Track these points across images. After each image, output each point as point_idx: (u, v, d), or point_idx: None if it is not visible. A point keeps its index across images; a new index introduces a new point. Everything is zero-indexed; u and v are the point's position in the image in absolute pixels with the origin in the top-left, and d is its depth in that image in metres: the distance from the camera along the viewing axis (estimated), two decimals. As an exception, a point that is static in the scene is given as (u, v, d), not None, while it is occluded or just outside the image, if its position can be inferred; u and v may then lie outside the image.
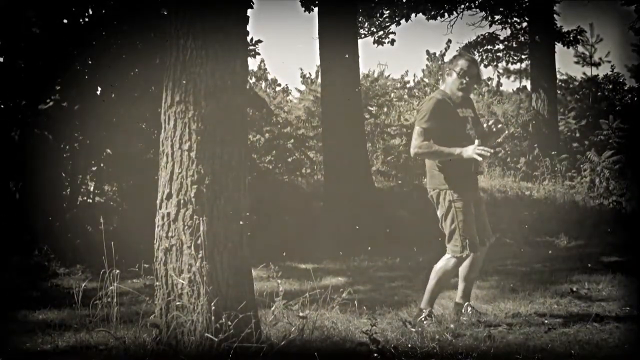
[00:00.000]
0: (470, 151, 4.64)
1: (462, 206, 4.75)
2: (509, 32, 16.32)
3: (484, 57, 17.02)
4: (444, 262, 4.86)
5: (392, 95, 17.16)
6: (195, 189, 3.94)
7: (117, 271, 4.28)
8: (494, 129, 5.06)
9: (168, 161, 4.03)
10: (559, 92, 16.18)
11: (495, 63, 17.44)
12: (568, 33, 15.59)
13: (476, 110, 5.19)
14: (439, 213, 4.85)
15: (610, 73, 17.07)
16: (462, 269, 4.98)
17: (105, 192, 9.22)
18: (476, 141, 4.69)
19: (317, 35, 10.42)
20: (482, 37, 16.64)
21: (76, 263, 7.26)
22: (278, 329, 4.17)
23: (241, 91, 4.11)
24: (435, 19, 14.80)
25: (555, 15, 15.05)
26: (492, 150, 4.75)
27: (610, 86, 16.83)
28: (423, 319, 4.79)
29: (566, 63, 47.87)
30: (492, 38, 16.59)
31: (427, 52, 21.98)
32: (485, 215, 5.06)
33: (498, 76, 22.11)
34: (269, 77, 19.76)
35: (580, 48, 17.40)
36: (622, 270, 6.41)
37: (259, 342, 3.85)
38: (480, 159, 4.65)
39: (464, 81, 4.89)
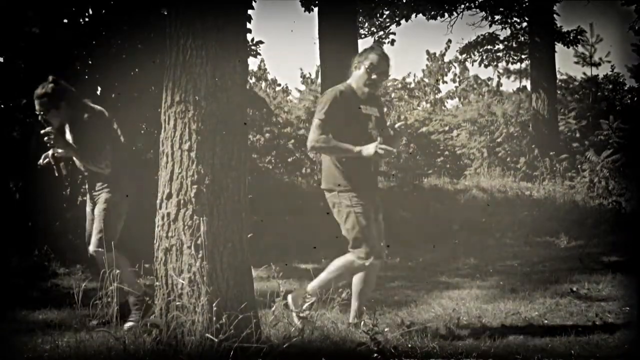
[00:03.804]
0: (371, 149, 4.34)
1: (363, 210, 4.45)
2: (509, 32, 16.36)
3: (484, 57, 17.05)
4: (349, 260, 4.52)
5: (393, 95, 17.17)
6: (195, 189, 3.94)
7: (117, 271, 4.28)
8: (399, 129, 4.73)
9: (168, 161, 4.03)
10: (559, 92, 16.19)
11: (495, 63, 17.47)
12: (568, 33, 15.62)
13: (384, 111, 4.87)
14: (337, 217, 4.55)
15: (610, 73, 17.09)
16: (356, 285, 4.60)
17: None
18: (378, 138, 4.40)
19: (317, 36, 10.45)
20: (482, 37, 16.66)
21: (76, 263, 7.26)
22: (278, 329, 4.17)
23: (241, 91, 4.10)
24: (435, 19, 14.83)
25: (555, 15, 15.07)
26: (394, 150, 4.43)
27: (610, 86, 16.85)
28: (306, 308, 4.44)
29: (566, 63, 47.88)
30: (492, 38, 16.61)
31: (427, 52, 22.02)
32: (382, 224, 4.68)
33: (498, 76, 22.13)
34: (269, 77, 19.78)
35: (580, 48, 17.41)
36: (622, 270, 6.42)
37: (259, 342, 3.85)
38: (381, 154, 4.31)
39: (373, 77, 4.57)
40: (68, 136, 5.00)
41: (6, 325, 5.09)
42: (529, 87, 16.76)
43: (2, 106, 8.07)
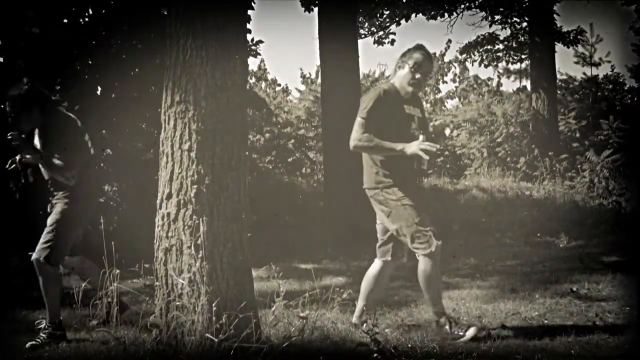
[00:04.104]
0: (415, 147, 4.29)
1: (411, 202, 4.38)
2: (509, 32, 16.35)
3: (484, 57, 17.05)
4: (423, 265, 4.47)
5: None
6: (195, 189, 3.94)
7: (117, 271, 4.28)
8: (441, 126, 4.73)
9: (168, 161, 4.03)
10: (559, 92, 16.19)
11: (495, 63, 17.47)
12: (568, 33, 15.61)
13: (425, 112, 4.82)
14: (384, 215, 4.48)
15: (610, 73, 17.08)
16: (367, 282, 4.61)
17: (105, 192, 9.21)
18: (420, 136, 4.33)
19: (317, 35, 10.44)
20: (482, 37, 16.66)
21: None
22: (278, 329, 4.17)
23: (241, 91, 4.11)
24: (435, 19, 14.83)
25: (555, 15, 15.07)
26: (438, 146, 4.38)
27: (610, 86, 16.85)
28: (450, 329, 4.36)
29: (566, 63, 47.86)
30: (492, 38, 16.60)
31: (427, 52, 21.97)
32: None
33: (498, 76, 22.10)
34: (269, 77, 19.78)
35: (580, 48, 17.41)
36: (622, 270, 6.41)
37: (259, 342, 3.85)
38: (425, 156, 4.30)
39: (417, 76, 4.51)
40: (36, 142, 4.79)
41: (6, 325, 5.09)
42: (529, 87, 16.76)
43: (2, 106, 8.07)
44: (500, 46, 16.81)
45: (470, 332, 4.32)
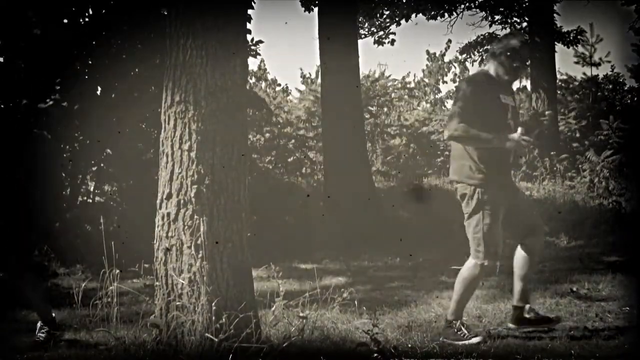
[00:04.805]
0: (514, 139, 4.16)
1: (491, 208, 4.25)
2: (508, 32, 16.32)
3: (484, 57, 17.03)
4: (470, 268, 4.36)
5: (393, 95, 17.17)
6: (195, 189, 3.94)
7: (117, 271, 4.28)
8: (542, 119, 4.65)
9: (168, 161, 4.03)
10: (559, 92, 16.17)
11: (495, 63, 17.42)
12: (568, 33, 15.59)
13: (517, 101, 4.61)
14: (465, 208, 4.34)
15: (610, 73, 17.05)
16: (517, 268, 4.50)
17: (105, 192, 9.22)
18: (519, 129, 4.20)
19: (317, 35, 10.44)
20: (482, 37, 16.64)
21: (76, 263, 7.26)
22: (278, 329, 4.17)
23: (241, 91, 4.11)
24: (435, 19, 14.82)
25: (555, 15, 15.06)
26: (533, 140, 4.29)
27: (610, 86, 16.82)
28: (457, 331, 4.35)
29: (566, 63, 47.81)
30: (492, 38, 16.57)
31: (427, 52, 22.02)
32: (529, 206, 4.59)
33: (498, 76, 22.06)
34: (269, 77, 19.77)
35: (580, 48, 17.38)
36: (622, 270, 6.41)
37: (259, 342, 3.85)
38: (525, 149, 4.20)
39: (514, 65, 4.33)
40: None
41: (6, 325, 5.09)
42: (529, 87, 16.75)
43: (2, 106, 8.07)
44: (501, 46, 16.79)
45: (474, 340, 4.28)
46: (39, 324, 4.62)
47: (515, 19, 15.74)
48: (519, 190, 4.60)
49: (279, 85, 19.71)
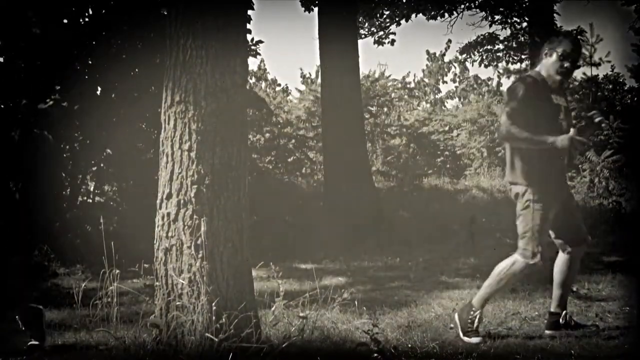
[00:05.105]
0: (567, 140, 4.11)
1: (542, 208, 4.23)
2: (509, 32, 16.33)
3: (484, 57, 17.04)
4: (511, 263, 4.35)
5: (393, 95, 17.17)
6: (195, 189, 3.94)
7: (117, 271, 4.27)
8: (596, 120, 4.41)
9: (168, 161, 4.03)
10: (559, 92, 16.15)
11: (495, 63, 17.45)
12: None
13: (569, 101, 4.59)
14: (517, 209, 4.33)
15: (610, 73, 17.05)
16: (558, 274, 4.50)
17: (105, 192, 9.22)
18: (572, 130, 4.15)
19: (317, 35, 10.45)
20: (482, 37, 16.65)
21: (76, 263, 7.26)
22: (278, 329, 4.17)
23: (241, 91, 4.10)
24: (435, 19, 14.83)
25: (555, 15, 15.06)
26: (587, 141, 4.26)
27: (610, 86, 16.82)
28: (470, 318, 4.36)
29: (566, 63, 47.75)
30: (492, 38, 16.59)
31: (427, 52, 22.05)
32: (579, 212, 4.61)
33: (498, 76, 22.11)
34: (269, 77, 19.78)
35: (580, 48, 17.36)
36: (622, 270, 6.41)
37: (259, 342, 3.85)
38: (578, 150, 4.14)
39: (565, 65, 4.30)
40: None
41: (6, 325, 5.09)
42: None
43: (2, 106, 8.07)
44: (500, 46, 16.80)
45: (474, 340, 4.29)
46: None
47: (515, 19, 15.75)
48: (572, 195, 4.61)
49: (279, 85, 19.75)
